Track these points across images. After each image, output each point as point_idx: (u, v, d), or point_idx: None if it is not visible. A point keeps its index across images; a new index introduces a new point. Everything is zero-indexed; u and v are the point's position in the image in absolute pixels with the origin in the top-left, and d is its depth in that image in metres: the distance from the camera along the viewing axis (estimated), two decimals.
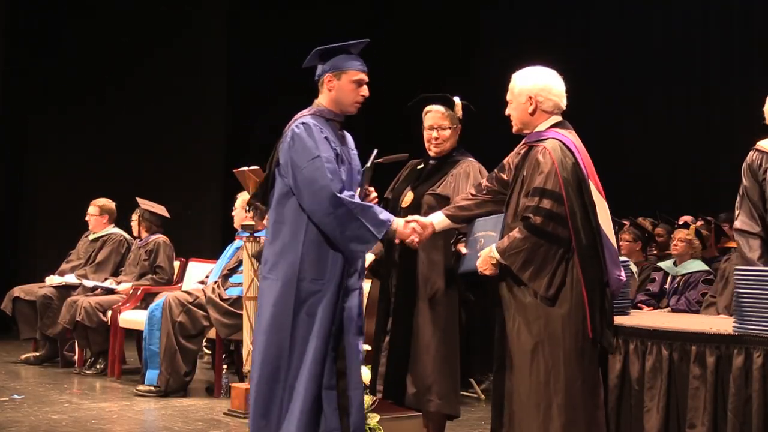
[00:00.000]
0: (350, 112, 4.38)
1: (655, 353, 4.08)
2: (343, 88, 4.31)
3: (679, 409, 4.01)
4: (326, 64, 4.33)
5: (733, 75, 11.10)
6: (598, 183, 4.08)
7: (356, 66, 4.31)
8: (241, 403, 6.17)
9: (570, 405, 3.96)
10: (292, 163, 4.16)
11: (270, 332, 4.14)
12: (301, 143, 4.18)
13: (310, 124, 4.23)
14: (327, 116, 4.32)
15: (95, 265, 8.39)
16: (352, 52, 4.34)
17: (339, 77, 4.31)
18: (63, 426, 5.90)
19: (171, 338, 6.95)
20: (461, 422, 5.38)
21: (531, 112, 4.17)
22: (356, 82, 4.31)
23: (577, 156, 4.03)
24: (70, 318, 7.82)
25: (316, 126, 4.22)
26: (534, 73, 4.22)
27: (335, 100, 4.33)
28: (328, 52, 4.34)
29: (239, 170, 6.60)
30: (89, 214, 8.56)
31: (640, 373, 4.12)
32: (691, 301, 7.30)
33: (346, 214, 4.08)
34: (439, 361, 4.66)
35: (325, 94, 4.35)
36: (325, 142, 4.19)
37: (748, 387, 3.81)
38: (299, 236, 4.14)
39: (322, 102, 4.36)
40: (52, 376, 7.75)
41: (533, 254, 3.99)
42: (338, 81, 4.31)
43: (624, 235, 8.16)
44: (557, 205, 3.98)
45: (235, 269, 7.11)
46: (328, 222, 4.09)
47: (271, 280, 4.18)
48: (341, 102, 4.33)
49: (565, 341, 3.98)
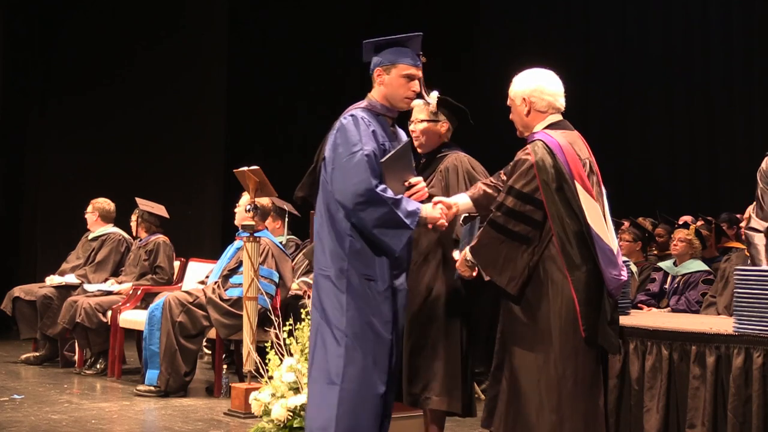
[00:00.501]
0: (401, 107, 4.28)
1: (655, 353, 4.09)
2: (393, 82, 4.21)
3: (679, 409, 4.01)
4: (378, 57, 4.23)
5: (733, 75, 11.11)
6: (588, 184, 4.04)
7: (407, 60, 4.20)
8: (241, 403, 6.16)
9: (561, 405, 3.93)
10: (334, 154, 4.11)
11: None
12: (345, 135, 4.10)
13: (358, 117, 4.13)
14: (378, 110, 4.23)
15: (95, 265, 8.39)
16: (404, 45, 4.22)
17: (389, 71, 4.21)
18: (63, 426, 5.90)
19: (171, 338, 6.95)
20: (462, 422, 5.37)
21: (526, 114, 4.19)
22: (406, 77, 4.20)
23: (560, 156, 4.02)
24: (69, 318, 7.82)
25: (365, 119, 4.13)
26: (527, 75, 4.23)
27: (385, 94, 4.23)
28: (380, 44, 4.23)
29: (239, 170, 6.61)
30: (86, 212, 8.59)
31: (640, 373, 4.12)
32: (691, 301, 7.30)
33: (380, 208, 4.01)
34: (438, 359, 4.63)
35: (376, 88, 4.25)
36: (370, 136, 4.10)
37: (748, 387, 3.81)
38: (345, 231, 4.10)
39: (374, 96, 4.26)
40: (52, 376, 7.75)
41: (495, 251, 4.02)
42: (388, 75, 4.21)
43: (624, 235, 8.16)
44: (521, 203, 4.00)
45: (235, 270, 7.11)
46: (363, 216, 4.03)
47: (323, 277, 4.16)
48: (391, 97, 4.23)
49: (555, 340, 3.96)
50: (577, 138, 4.18)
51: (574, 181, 4.01)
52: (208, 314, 7.00)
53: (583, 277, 3.95)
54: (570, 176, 4.00)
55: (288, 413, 5.15)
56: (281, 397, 5.22)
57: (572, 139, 4.13)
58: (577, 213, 3.97)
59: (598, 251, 3.97)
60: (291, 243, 8.40)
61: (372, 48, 4.23)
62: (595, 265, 3.98)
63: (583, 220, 3.97)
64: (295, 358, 5.28)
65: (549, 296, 3.98)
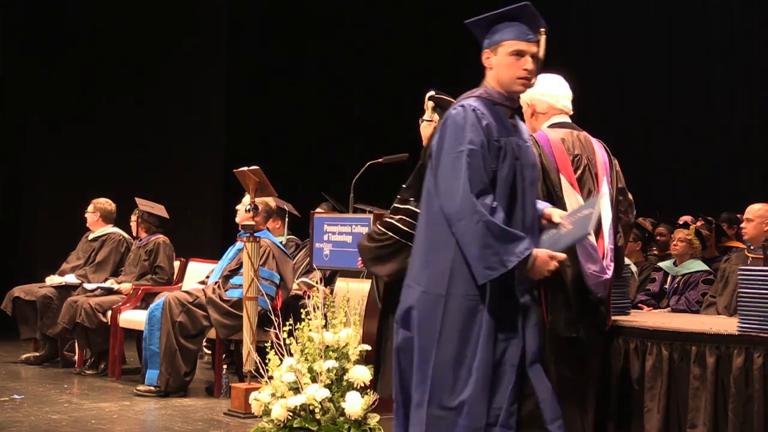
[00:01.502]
0: (516, 90, 3.68)
1: (655, 353, 4.09)
2: (501, 63, 3.64)
3: (679, 410, 4.01)
4: (484, 38, 3.70)
5: (733, 75, 11.11)
6: (573, 179, 4.11)
7: (512, 35, 3.63)
8: (240, 403, 6.16)
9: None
10: (439, 151, 3.56)
11: None
12: (451, 130, 3.55)
13: (467, 108, 3.57)
14: (496, 99, 3.65)
15: (95, 265, 8.39)
16: (512, 19, 3.66)
17: (495, 51, 3.65)
18: (63, 426, 5.89)
19: (171, 338, 6.95)
20: None
21: (531, 116, 4.30)
22: (515, 54, 3.62)
23: (546, 149, 4.10)
24: (69, 318, 7.82)
25: (477, 110, 3.57)
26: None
27: (497, 79, 3.66)
28: (479, 24, 3.71)
29: (239, 170, 6.61)
30: (86, 212, 8.59)
31: (640, 373, 4.12)
32: (691, 301, 7.30)
33: (475, 225, 3.42)
34: None
35: (487, 73, 3.70)
36: (479, 130, 3.52)
37: (749, 387, 3.81)
38: (450, 242, 3.50)
39: (489, 82, 3.69)
40: (52, 376, 7.75)
41: None
42: (495, 56, 3.65)
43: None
44: None
45: (236, 271, 7.10)
46: (458, 229, 3.46)
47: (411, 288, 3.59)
48: (502, 80, 3.65)
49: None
50: (578, 137, 4.23)
51: (559, 174, 4.08)
52: (208, 314, 7.00)
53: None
54: (555, 168, 4.08)
55: (288, 413, 5.15)
56: (281, 397, 5.22)
57: (568, 136, 4.19)
58: (557, 204, 3.98)
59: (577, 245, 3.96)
60: (291, 243, 8.40)
61: (478, 28, 3.71)
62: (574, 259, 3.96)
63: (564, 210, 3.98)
64: (295, 358, 5.28)
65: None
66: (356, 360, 5.16)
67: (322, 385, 5.08)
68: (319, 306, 5.27)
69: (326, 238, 6.08)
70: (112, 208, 8.61)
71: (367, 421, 5.08)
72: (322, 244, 6.12)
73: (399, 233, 4.68)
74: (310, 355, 5.18)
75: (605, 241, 4.09)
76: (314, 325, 5.24)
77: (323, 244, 6.11)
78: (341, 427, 5.03)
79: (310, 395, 5.04)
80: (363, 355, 5.18)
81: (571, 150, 4.15)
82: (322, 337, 5.18)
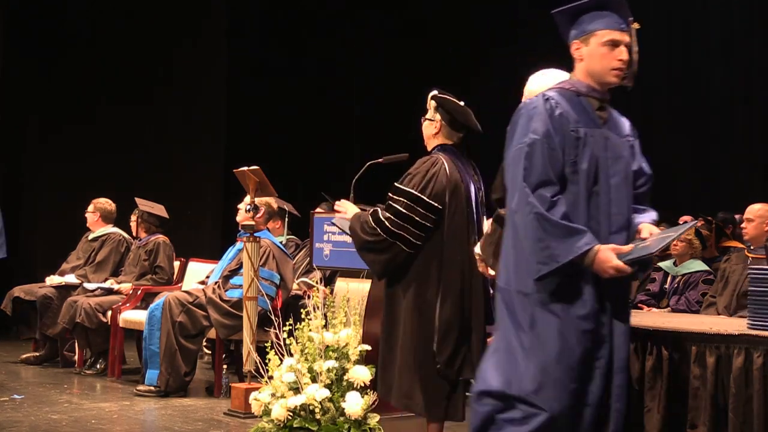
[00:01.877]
0: (611, 81, 3.55)
1: (655, 353, 4.08)
2: (593, 54, 3.52)
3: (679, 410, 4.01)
4: (572, 28, 3.58)
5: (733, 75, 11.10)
6: None
7: (603, 24, 3.52)
8: (240, 403, 6.16)
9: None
10: (508, 142, 3.47)
11: None
12: (521, 121, 3.45)
13: (540, 97, 3.47)
14: (582, 91, 3.52)
15: (95, 265, 8.39)
16: (602, 8, 3.54)
17: (587, 42, 3.54)
18: (63, 426, 5.89)
19: (171, 338, 6.95)
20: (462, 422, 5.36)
21: None
22: (609, 44, 3.52)
23: None
24: (69, 318, 7.82)
25: (550, 99, 3.45)
26: (543, 75, 4.20)
27: (588, 70, 3.55)
28: (565, 14, 3.59)
29: (239, 170, 6.61)
30: (86, 212, 8.59)
31: (640, 373, 4.11)
32: (691, 301, 7.30)
33: (527, 218, 3.33)
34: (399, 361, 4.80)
35: (577, 65, 3.60)
36: (546, 119, 3.39)
37: (749, 387, 3.80)
38: None
39: (577, 74, 3.59)
40: (52, 376, 7.75)
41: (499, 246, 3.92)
42: (587, 47, 3.54)
43: None
44: None
45: (236, 271, 7.10)
46: (515, 222, 3.38)
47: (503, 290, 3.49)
48: (594, 71, 3.53)
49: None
50: None
51: None
52: (208, 314, 7.00)
53: None
54: None
55: (288, 413, 5.15)
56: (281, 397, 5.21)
57: None
58: None
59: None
60: (291, 243, 8.40)
61: (564, 18, 3.59)
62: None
63: None
64: (295, 358, 5.28)
65: None
66: (356, 360, 5.16)
67: (322, 385, 5.08)
68: (319, 306, 5.27)
69: (326, 238, 6.08)
70: (112, 208, 8.61)
71: (367, 421, 5.08)
72: (322, 244, 6.12)
73: (386, 232, 4.72)
74: (310, 355, 5.17)
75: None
76: (314, 325, 5.24)
77: (323, 244, 6.11)
78: (341, 427, 5.03)
79: (310, 395, 5.04)
80: (363, 355, 5.18)
81: None
82: (322, 337, 5.18)
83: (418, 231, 4.75)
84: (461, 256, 4.79)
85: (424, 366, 4.75)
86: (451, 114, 4.90)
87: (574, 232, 3.29)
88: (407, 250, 4.77)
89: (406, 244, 4.76)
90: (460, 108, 4.92)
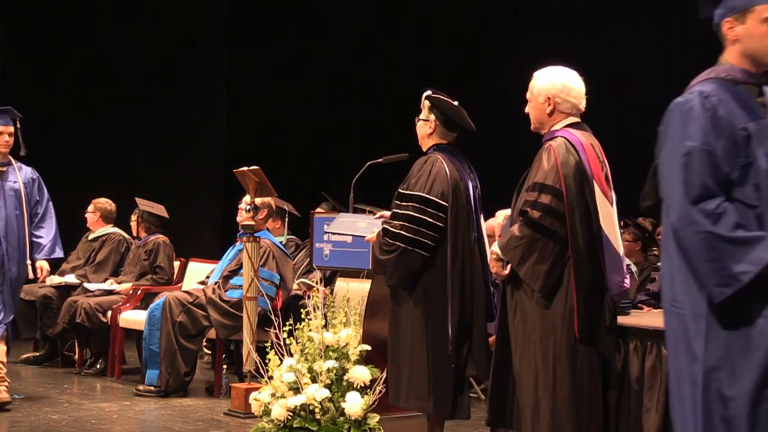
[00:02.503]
0: None
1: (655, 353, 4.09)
2: (752, 32, 3.11)
3: None
4: (721, 6, 3.21)
5: None
6: (605, 186, 4.02)
7: None
8: (240, 403, 6.16)
9: (556, 407, 3.92)
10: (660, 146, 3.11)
11: None
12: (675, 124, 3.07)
13: (697, 95, 3.09)
14: (738, 78, 3.13)
15: (95, 265, 8.39)
16: None
17: (743, 19, 3.14)
18: (63, 426, 5.89)
19: (171, 338, 6.95)
20: (461, 422, 5.37)
21: (549, 113, 4.14)
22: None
23: (582, 155, 3.99)
24: (69, 318, 7.82)
25: (709, 97, 3.06)
26: (554, 73, 4.17)
27: (744, 51, 3.15)
28: None
29: (239, 170, 6.61)
30: (86, 212, 8.59)
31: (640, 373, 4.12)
32: None
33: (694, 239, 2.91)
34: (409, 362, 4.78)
35: (729, 47, 3.21)
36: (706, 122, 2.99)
37: None
38: None
39: (729, 58, 3.19)
40: (52, 376, 7.75)
41: (530, 249, 3.96)
42: (743, 25, 3.14)
43: (624, 235, 8.14)
44: (556, 201, 3.95)
45: (236, 271, 7.10)
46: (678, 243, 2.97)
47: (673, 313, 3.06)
48: (755, 54, 3.12)
49: (556, 342, 3.94)
50: (595, 141, 4.16)
51: (593, 182, 3.98)
52: (208, 314, 7.00)
53: (585, 279, 3.94)
54: (591, 176, 3.98)
55: (288, 413, 5.15)
56: (281, 397, 5.22)
57: (591, 140, 4.11)
58: (592, 214, 3.96)
59: (605, 255, 3.95)
60: (291, 243, 8.40)
61: None
62: (600, 269, 3.96)
63: (596, 221, 3.96)
64: (295, 358, 5.28)
65: (562, 297, 3.97)
66: (356, 360, 5.16)
67: (322, 385, 5.08)
68: (319, 306, 5.27)
69: (326, 238, 6.07)
70: (112, 208, 8.61)
71: (367, 421, 5.08)
72: (322, 244, 6.12)
73: (405, 241, 4.70)
74: (310, 355, 5.18)
75: (620, 249, 4.06)
76: (314, 325, 5.24)
77: (323, 244, 6.11)
78: (341, 427, 5.03)
79: (310, 395, 5.04)
80: (363, 355, 5.19)
81: (599, 155, 4.07)
82: (322, 337, 5.18)
83: (432, 232, 4.74)
84: (463, 253, 4.80)
85: (435, 366, 4.73)
86: (445, 114, 4.90)
87: (750, 242, 2.87)
88: (426, 254, 4.75)
89: (425, 249, 4.75)
90: (455, 108, 4.92)
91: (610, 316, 4.01)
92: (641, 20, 11.83)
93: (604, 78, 11.73)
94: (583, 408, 3.94)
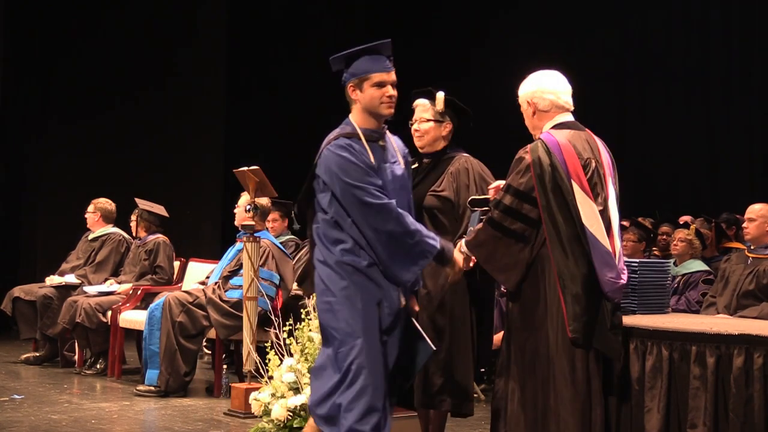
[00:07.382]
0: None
1: (655, 353, 4.08)
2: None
3: (679, 410, 4.01)
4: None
5: (733, 75, 11.10)
6: (586, 184, 4.01)
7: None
8: (240, 403, 6.16)
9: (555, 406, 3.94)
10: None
11: None
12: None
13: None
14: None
15: (95, 265, 8.39)
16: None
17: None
18: (63, 426, 5.89)
19: (171, 338, 6.95)
20: (461, 422, 5.37)
21: (532, 115, 4.22)
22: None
23: (557, 155, 4.00)
24: (69, 318, 7.82)
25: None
26: (530, 77, 4.26)
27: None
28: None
29: (239, 170, 6.61)
30: (86, 212, 8.59)
31: (640, 373, 4.11)
32: (691, 301, 7.29)
33: None
34: (452, 363, 4.63)
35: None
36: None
37: (749, 387, 3.81)
38: None
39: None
40: (52, 376, 7.75)
41: (493, 248, 4.05)
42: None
43: (628, 235, 8.12)
44: (518, 201, 4.02)
45: (236, 272, 7.10)
46: None
47: None
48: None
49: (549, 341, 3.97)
50: (586, 138, 4.16)
51: (571, 180, 3.99)
52: (208, 314, 7.00)
53: (573, 277, 3.94)
54: (567, 175, 3.99)
55: (288, 413, 5.15)
56: (281, 397, 5.22)
57: (576, 139, 4.10)
58: (572, 212, 3.96)
59: (593, 252, 3.95)
60: (291, 243, 8.40)
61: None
62: (590, 266, 3.97)
63: (578, 219, 3.96)
64: (295, 358, 5.28)
65: (545, 295, 3.99)
66: None
67: None
68: None
69: None
70: (112, 208, 8.61)
71: None
72: None
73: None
74: (310, 355, 5.18)
75: (617, 244, 4.05)
76: (314, 325, 5.24)
77: None
78: None
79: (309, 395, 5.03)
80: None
81: (582, 154, 4.07)
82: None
83: None
84: None
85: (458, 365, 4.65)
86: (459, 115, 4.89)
87: None
88: None
89: None
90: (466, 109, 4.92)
91: (611, 315, 4.01)
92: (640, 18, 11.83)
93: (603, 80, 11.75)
94: (583, 406, 3.93)
